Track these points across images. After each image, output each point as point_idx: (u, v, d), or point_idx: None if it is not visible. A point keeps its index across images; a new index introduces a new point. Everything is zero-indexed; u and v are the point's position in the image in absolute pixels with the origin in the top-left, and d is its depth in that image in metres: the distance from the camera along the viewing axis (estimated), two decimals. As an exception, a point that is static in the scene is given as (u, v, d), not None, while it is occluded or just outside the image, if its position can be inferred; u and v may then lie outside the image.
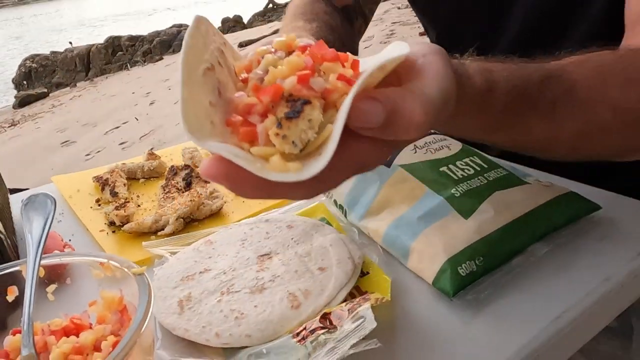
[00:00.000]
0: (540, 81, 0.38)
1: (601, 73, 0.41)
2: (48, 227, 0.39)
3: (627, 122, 0.41)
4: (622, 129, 0.42)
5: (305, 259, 0.44)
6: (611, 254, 0.44)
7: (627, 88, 0.40)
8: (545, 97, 0.38)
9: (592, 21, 0.54)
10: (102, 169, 0.76)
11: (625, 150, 0.46)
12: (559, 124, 0.40)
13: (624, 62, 0.42)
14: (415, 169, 0.48)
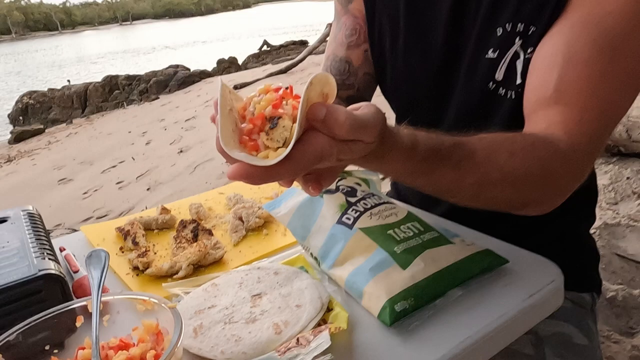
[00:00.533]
0: (451, 145, 0.54)
1: (493, 145, 0.58)
2: (105, 274, 0.55)
3: (509, 182, 0.58)
4: (507, 187, 0.58)
5: (286, 298, 0.60)
6: (509, 297, 0.60)
7: (510, 158, 0.57)
8: (453, 156, 0.54)
9: (504, 116, 0.73)
10: (122, 220, 0.92)
11: (513, 203, 0.63)
12: (461, 176, 0.56)
13: (511, 140, 0.59)
14: (370, 231, 0.65)
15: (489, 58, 0.71)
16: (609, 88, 0.59)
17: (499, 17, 0.69)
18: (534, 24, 0.66)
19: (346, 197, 0.71)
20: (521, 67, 0.68)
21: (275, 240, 0.81)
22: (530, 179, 0.59)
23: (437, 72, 0.78)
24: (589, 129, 0.59)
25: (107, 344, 0.50)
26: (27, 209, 0.79)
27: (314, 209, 0.72)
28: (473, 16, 0.72)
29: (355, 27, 0.88)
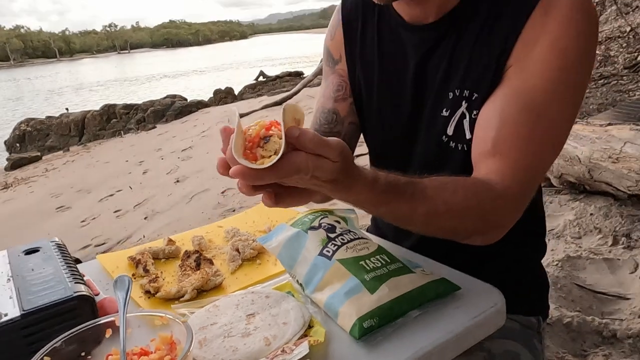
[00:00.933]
0: (406, 182, 0.69)
1: (441, 184, 0.72)
2: (129, 295, 0.68)
3: (453, 214, 0.72)
4: (451, 218, 0.72)
5: (275, 317, 0.73)
6: (458, 317, 0.73)
7: (453, 194, 0.71)
8: (407, 191, 0.69)
9: (456, 164, 0.87)
10: (133, 251, 1.04)
11: (458, 233, 0.77)
12: (414, 207, 0.69)
13: (455, 180, 0.73)
14: (345, 262, 0.79)
15: (443, 116, 0.86)
16: (535, 145, 0.74)
17: (450, 83, 0.84)
18: (476, 92, 0.81)
19: (327, 233, 0.85)
20: (468, 125, 0.83)
21: (267, 269, 0.94)
22: (469, 212, 0.73)
23: (403, 125, 0.93)
24: (519, 176, 0.74)
25: (130, 351, 0.63)
26: (54, 240, 0.92)
27: (300, 243, 0.85)
28: (432, 80, 0.87)
29: (341, 84, 1.02)
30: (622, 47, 4.07)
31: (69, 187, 6.11)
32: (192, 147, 6.96)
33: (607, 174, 1.92)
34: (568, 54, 0.72)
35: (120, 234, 3.69)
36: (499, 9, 0.77)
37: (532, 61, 0.73)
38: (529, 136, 0.73)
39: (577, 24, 0.72)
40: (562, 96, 0.73)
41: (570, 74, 0.73)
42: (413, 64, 0.88)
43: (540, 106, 0.73)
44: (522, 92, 0.74)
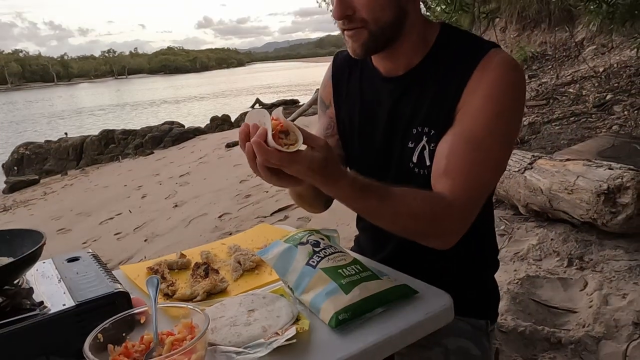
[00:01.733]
0: (378, 185, 0.90)
1: (405, 191, 0.93)
2: (158, 290, 0.89)
3: (411, 215, 0.92)
4: (410, 219, 0.92)
5: (271, 312, 0.93)
6: (414, 313, 0.93)
7: (414, 200, 0.92)
8: (379, 192, 0.90)
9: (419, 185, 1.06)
10: (151, 262, 1.24)
11: (417, 233, 0.96)
12: (383, 206, 0.91)
13: (416, 190, 0.94)
14: (327, 270, 1.00)
15: (409, 147, 1.06)
16: (475, 168, 0.95)
17: (414, 122, 1.05)
18: (434, 129, 1.02)
19: (313, 248, 1.05)
20: (427, 155, 1.03)
21: (264, 277, 1.15)
22: (424, 215, 0.93)
23: (378, 156, 1.13)
24: (464, 191, 0.94)
25: (160, 332, 0.83)
26: (89, 251, 1.12)
27: (291, 255, 1.06)
28: (401, 120, 1.07)
29: (330, 124, 1.24)
30: (594, 87, 4.36)
31: (69, 210, 6.25)
32: (189, 173, 7.15)
33: (564, 204, 2.14)
34: (500, 101, 0.94)
35: (121, 255, 3.84)
36: (452, 67, 0.99)
37: (473, 107, 0.95)
38: (470, 162, 0.95)
39: (507, 78, 0.95)
40: (496, 133, 0.95)
41: (502, 115, 0.95)
42: (386, 107, 1.09)
43: (478, 140, 0.94)
44: (465, 130, 0.96)
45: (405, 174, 1.08)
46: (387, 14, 0.95)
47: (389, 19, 0.95)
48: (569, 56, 6.64)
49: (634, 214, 1.87)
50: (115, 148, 13.10)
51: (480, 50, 0.97)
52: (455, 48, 1.01)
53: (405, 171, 1.08)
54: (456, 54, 1.00)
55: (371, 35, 0.96)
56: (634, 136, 2.98)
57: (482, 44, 0.99)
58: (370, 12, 0.93)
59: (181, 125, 14.59)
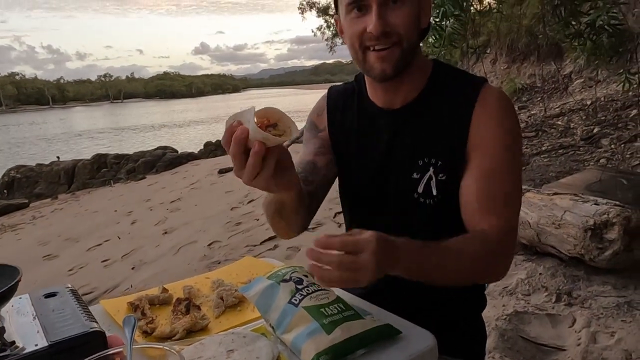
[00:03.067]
0: (428, 243, 0.90)
1: (457, 241, 0.93)
2: (134, 330, 0.87)
3: (471, 260, 0.93)
4: (471, 263, 0.94)
5: (251, 353, 0.91)
6: (396, 355, 0.92)
7: (469, 246, 0.94)
8: (435, 247, 0.91)
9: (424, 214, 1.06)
10: (132, 297, 1.22)
11: (478, 276, 0.99)
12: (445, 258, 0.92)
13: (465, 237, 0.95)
14: (309, 309, 0.98)
15: (414, 178, 1.06)
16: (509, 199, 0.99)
17: (418, 153, 1.05)
18: (440, 160, 1.03)
19: (295, 285, 1.04)
20: (434, 184, 1.04)
21: (246, 314, 1.13)
22: (483, 258, 0.95)
23: (374, 186, 1.12)
24: (507, 223, 0.98)
25: (135, 374, 0.81)
26: (68, 286, 1.10)
27: (273, 293, 1.05)
28: (402, 150, 1.08)
29: (323, 144, 1.21)
30: (582, 120, 4.44)
31: (57, 235, 6.17)
32: (180, 198, 7.12)
33: (551, 238, 2.15)
34: (509, 130, 1.00)
35: (108, 283, 3.78)
36: (451, 101, 1.03)
37: (488, 141, 0.99)
38: (502, 196, 0.99)
39: (508, 108, 1.01)
40: (513, 160, 1.00)
41: (514, 142, 1.00)
42: (384, 139, 1.10)
43: (504, 173, 0.98)
44: (488, 165, 0.99)
45: (409, 203, 1.08)
46: (415, 34, 0.99)
47: (415, 39, 1.00)
48: (558, 88, 6.76)
49: (620, 250, 1.88)
50: (108, 172, 13.05)
51: (476, 85, 1.02)
52: (450, 83, 1.05)
53: (408, 201, 1.08)
54: (453, 89, 1.04)
55: (402, 53, 0.98)
56: (620, 170, 3.01)
57: (475, 79, 1.05)
58: (407, 28, 0.96)
59: (174, 151, 14.60)
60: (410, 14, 0.95)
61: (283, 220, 1.10)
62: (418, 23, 0.99)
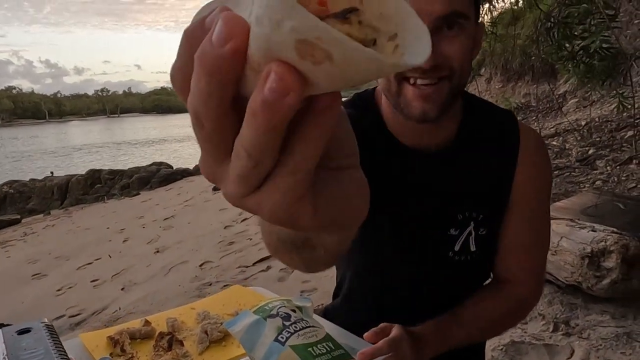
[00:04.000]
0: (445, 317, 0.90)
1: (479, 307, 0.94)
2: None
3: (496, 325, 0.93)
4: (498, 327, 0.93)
5: (232, 396, 0.86)
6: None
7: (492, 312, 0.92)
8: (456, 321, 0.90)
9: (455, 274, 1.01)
10: (112, 330, 1.17)
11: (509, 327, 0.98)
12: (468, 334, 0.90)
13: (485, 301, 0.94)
14: (296, 348, 0.93)
15: (451, 234, 0.95)
16: (542, 250, 0.99)
17: (458, 206, 0.94)
18: (482, 213, 0.94)
19: (283, 321, 0.99)
20: (473, 240, 0.95)
21: (231, 351, 1.08)
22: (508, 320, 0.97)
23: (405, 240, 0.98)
24: (539, 277, 0.99)
25: None
26: (44, 321, 1.05)
27: (259, 329, 1.00)
28: (439, 201, 0.94)
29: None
30: (577, 140, 4.44)
31: (47, 253, 6.07)
32: (174, 216, 7.05)
33: (548, 265, 2.10)
34: (549, 177, 0.98)
35: (96, 304, 3.69)
36: (490, 144, 0.94)
37: (533, 188, 0.95)
38: (538, 249, 0.98)
39: (546, 155, 0.98)
40: (547, 210, 0.99)
41: (549, 194, 0.99)
42: (418, 188, 0.94)
43: (539, 222, 0.97)
44: (529, 212, 0.96)
45: (441, 261, 0.97)
46: (468, 69, 0.82)
47: (467, 76, 0.83)
48: (552, 108, 6.79)
49: (618, 278, 1.84)
50: (101, 188, 12.96)
51: (512, 125, 0.95)
52: (485, 122, 0.95)
53: (441, 258, 0.97)
54: (490, 130, 0.95)
55: (451, 91, 0.81)
56: (616, 194, 2.99)
57: (507, 117, 0.98)
58: (461, 61, 0.79)
59: (169, 167, 14.53)
60: (466, 44, 0.78)
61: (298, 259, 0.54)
62: (470, 56, 0.82)
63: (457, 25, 0.75)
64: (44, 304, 3.95)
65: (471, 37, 0.79)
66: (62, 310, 3.71)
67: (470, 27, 0.78)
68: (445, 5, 0.72)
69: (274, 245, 0.52)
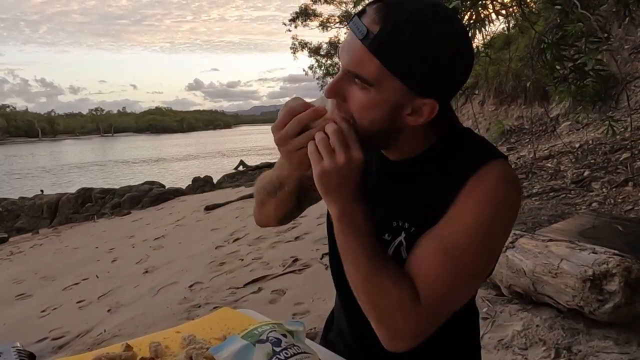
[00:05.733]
0: (373, 235, 0.87)
1: (393, 262, 0.88)
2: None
3: (380, 287, 0.84)
4: (377, 289, 0.84)
5: None
6: None
7: (392, 269, 0.86)
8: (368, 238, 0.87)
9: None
10: (90, 355, 1.09)
11: (374, 312, 0.86)
12: (360, 251, 0.85)
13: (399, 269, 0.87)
14: (286, 377, 0.86)
15: (385, 239, 0.97)
16: (448, 277, 0.85)
17: (395, 213, 0.97)
18: (414, 226, 0.94)
19: (273, 347, 0.92)
20: (404, 251, 0.95)
21: (216, 379, 1.00)
22: (390, 295, 0.84)
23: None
24: (431, 297, 0.84)
25: None
26: (15, 345, 0.98)
27: (247, 356, 0.93)
28: (382, 206, 0.99)
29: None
30: (571, 162, 4.43)
31: (33, 272, 5.94)
32: (164, 236, 6.94)
33: (548, 288, 2.05)
34: (483, 214, 0.86)
35: (81, 327, 3.57)
36: (449, 171, 0.91)
37: (454, 214, 0.87)
38: (440, 269, 0.85)
39: (498, 193, 0.87)
40: (473, 245, 0.85)
41: (483, 229, 0.86)
42: (371, 187, 0.99)
43: (452, 249, 0.85)
44: (440, 236, 0.87)
45: None
46: (374, 125, 0.85)
47: (374, 129, 0.86)
48: (546, 131, 6.82)
49: (622, 302, 1.78)
50: (92, 207, 12.81)
51: (481, 159, 0.89)
52: (457, 152, 0.93)
53: None
54: (455, 159, 0.92)
55: (357, 132, 0.86)
56: (613, 215, 2.96)
57: (486, 153, 0.92)
58: (358, 113, 0.84)
59: (162, 186, 14.43)
60: (366, 101, 0.84)
61: (273, 202, 1.07)
62: (379, 115, 0.85)
63: (360, 82, 0.82)
64: (27, 326, 3.83)
65: (384, 102, 0.83)
66: (45, 332, 3.58)
67: (382, 91, 0.82)
68: (348, 63, 0.83)
69: (263, 196, 1.08)
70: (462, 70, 0.85)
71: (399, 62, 0.79)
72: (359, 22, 0.80)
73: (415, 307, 0.83)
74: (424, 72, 0.79)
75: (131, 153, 48.14)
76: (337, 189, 0.83)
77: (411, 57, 0.78)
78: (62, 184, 21.56)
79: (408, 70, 0.79)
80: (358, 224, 0.85)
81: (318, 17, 17.51)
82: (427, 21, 0.78)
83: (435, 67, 0.80)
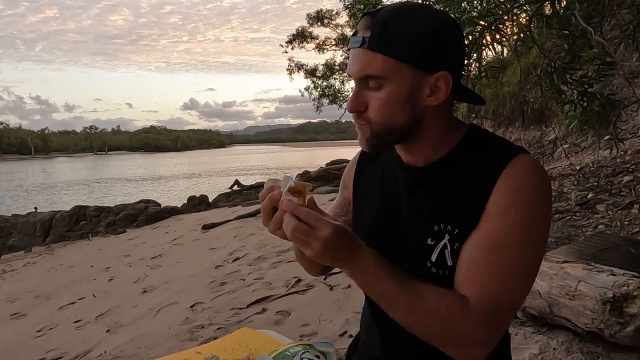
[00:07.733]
0: (398, 270, 0.84)
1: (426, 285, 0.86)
2: None
3: (427, 312, 0.84)
4: (426, 317, 0.84)
5: None
6: None
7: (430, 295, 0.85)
8: (397, 276, 0.85)
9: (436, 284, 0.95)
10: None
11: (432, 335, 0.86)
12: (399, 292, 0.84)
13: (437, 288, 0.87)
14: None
15: (428, 244, 0.96)
16: (499, 275, 0.86)
17: (435, 217, 0.95)
18: (457, 228, 0.93)
19: (309, 369, 0.90)
20: (449, 255, 0.93)
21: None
22: (440, 316, 0.85)
23: (391, 248, 1.01)
24: (487, 298, 0.85)
25: None
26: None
27: (282, 378, 0.90)
28: (419, 212, 0.99)
29: (343, 205, 1.18)
30: (574, 185, 4.44)
31: (27, 291, 5.81)
32: (162, 255, 6.84)
33: (565, 310, 2.02)
34: (523, 207, 0.88)
35: (79, 348, 3.48)
36: (477, 168, 0.94)
37: (496, 211, 0.89)
38: (491, 268, 0.87)
39: (532, 185, 0.90)
40: (518, 240, 0.88)
41: (525, 223, 0.88)
42: (404, 198, 1.02)
43: (500, 246, 0.87)
44: (487, 235, 0.89)
45: (421, 272, 0.96)
46: (398, 119, 0.92)
47: (399, 123, 0.93)
48: (544, 153, 6.85)
49: (643, 325, 1.75)
50: (86, 225, 12.66)
51: (508, 154, 0.92)
52: (481, 150, 0.96)
53: (421, 269, 0.97)
54: (481, 156, 0.95)
55: (373, 134, 0.94)
56: (623, 237, 2.95)
57: (510, 148, 0.95)
58: (379, 115, 0.91)
59: (157, 204, 14.33)
60: (385, 96, 0.91)
61: (305, 260, 1.12)
62: (397, 104, 0.92)
63: (374, 81, 0.89)
64: (22, 347, 3.72)
65: (401, 91, 0.90)
66: (41, 353, 3.48)
67: (394, 81, 0.89)
68: (357, 70, 0.90)
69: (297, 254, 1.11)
70: (456, 37, 0.92)
71: (399, 47, 0.86)
72: (354, 37, 0.90)
73: (467, 315, 0.85)
74: (423, 49, 0.87)
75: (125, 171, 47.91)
76: (333, 260, 0.85)
77: (408, 40, 0.86)
78: (56, 201, 21.36)
79: (409, 52, 0.86)
80: (374, 272, 0.86)
81: (314, 39, 17.72)
82: (411, 9, 0.89)
83: (432, 41, 0.87)
